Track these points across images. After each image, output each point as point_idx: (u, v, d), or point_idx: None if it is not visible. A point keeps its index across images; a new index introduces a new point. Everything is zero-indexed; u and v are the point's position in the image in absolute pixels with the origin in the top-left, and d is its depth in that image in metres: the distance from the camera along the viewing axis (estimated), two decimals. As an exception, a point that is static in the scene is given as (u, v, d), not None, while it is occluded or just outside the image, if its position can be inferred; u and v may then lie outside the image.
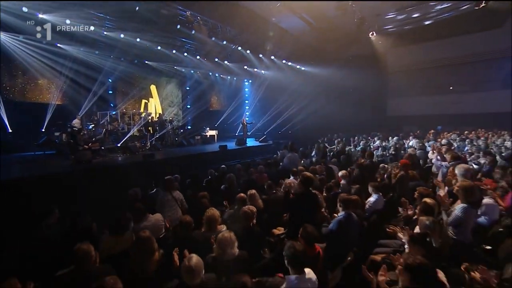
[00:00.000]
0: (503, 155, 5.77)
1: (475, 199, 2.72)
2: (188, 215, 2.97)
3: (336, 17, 14.37)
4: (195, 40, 11.92)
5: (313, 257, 2.35)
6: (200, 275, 1.94)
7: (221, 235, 2.33)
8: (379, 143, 8.63)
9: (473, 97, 16.82)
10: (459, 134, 10.44)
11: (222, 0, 10.32)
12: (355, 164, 5.15)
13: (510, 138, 7.91)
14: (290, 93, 17.59)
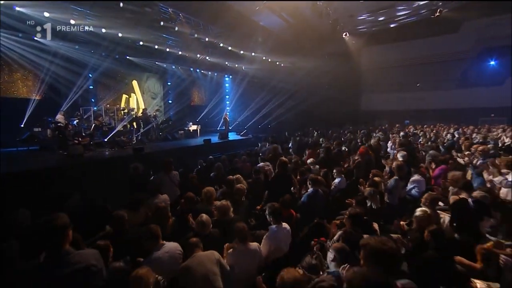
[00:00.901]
0: (445, 145, 7.12)
1: (403, 174, 3.81)
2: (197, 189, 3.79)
3: (312, 17, 15.45)
4: (177, 36, 12.33)
5: (287, 217, 3.30)
6: (209, 227, 2.81)
7: (220, 203, 3.21)
8: (349, 136, 9.85)
9: (435, 94, 18.80)
10: (415, 127, 11.99)
11: (207, 0, 10.85)
12: (324, 148, 6.22)
13: (453, 132, 9.49)
14: (269, 89, 18.54)
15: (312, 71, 19.09)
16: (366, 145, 6.00)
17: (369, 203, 3.57)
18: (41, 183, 5.05)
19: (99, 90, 13.15)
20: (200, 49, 14.36)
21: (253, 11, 13.98)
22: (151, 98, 15.60)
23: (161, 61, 14.64)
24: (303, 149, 7.20)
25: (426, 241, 2.61)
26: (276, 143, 7.25)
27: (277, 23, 15.91)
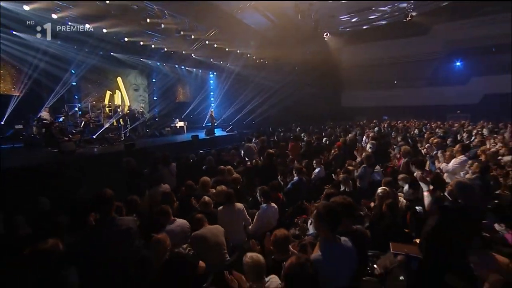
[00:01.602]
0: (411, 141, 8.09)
1: (371, 163, 4.58)
2: (190, 180, 4.33)
3: (296, 17, 16.15)
4: (163, 33, 12.51)
5: (275, 198, 3.95)
6: (211, 206, 3.40)
7: (220, 187, 3.80)
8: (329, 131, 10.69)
9: (409, 92, 20.18)
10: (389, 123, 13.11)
11: (193, 0, 11.18)
12: (305, 142, 6.96)
13: (422, 127, 10.62)
14: (254, 87, 19.12)
15: (295, 69, 19.87)
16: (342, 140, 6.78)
17: (344, 188, 4.30)
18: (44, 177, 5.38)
19: (82, 86, 13.12)
20: (186, 47, 14.62)
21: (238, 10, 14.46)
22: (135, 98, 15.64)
23: (146, 57, 14.75)
24: (287, 143, 7.91)
25: (384, 212, 3.35)
26: (263, 136, 7.91)
27: (261, 22, 16.49)
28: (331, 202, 2.08)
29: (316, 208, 1.98)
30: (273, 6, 14.85)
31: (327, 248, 1.71)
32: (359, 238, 2.09)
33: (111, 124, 11.52)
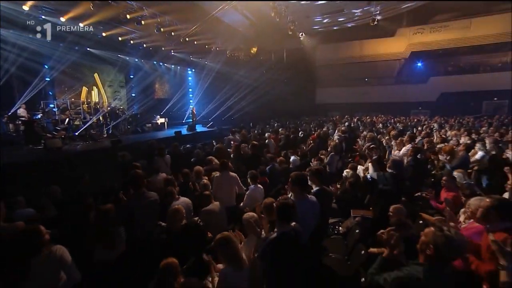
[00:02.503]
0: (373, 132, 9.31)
1: (338, 151, 5.56)
2: (186, 169, 5.02)
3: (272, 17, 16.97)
4: (142, 30, 12.59)
5: (262, 182, 4.78)
6: (210, 188, 4.14)
7: (214, 174, 4.53)
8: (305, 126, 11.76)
9: (378, 89, 21.93)
10: (359, 118, 14.53)
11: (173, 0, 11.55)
12: (284, 135, 7.89)
13: (386, 122, 12.08)
14: (232, 84, 19.76)
15: (272, 67, 20.78)
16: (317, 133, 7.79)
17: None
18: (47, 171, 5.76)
19: (58, 82, 12.98)
20: (165, 43, 14.88)
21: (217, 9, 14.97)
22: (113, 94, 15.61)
23: (124, 54, 14.80)
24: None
25: (347, 188, 4.31)
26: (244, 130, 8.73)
27: (239, 20, 17.13)
28: (301, 172, 2.95)
29: (290, 176, 2.83)
30: (251, 5, 15.57)
31: (298, 201, 2.55)
32: (325, 193, 2.97)
33: (92, 120, 11.62)
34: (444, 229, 1.44)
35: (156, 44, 14.38)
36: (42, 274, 1.91)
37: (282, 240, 1.99)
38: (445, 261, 1.44)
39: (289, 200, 2.22)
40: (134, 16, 11.66)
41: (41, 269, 1.90)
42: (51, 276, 1.95)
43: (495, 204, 1.99)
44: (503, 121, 11.48)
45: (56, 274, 1.97)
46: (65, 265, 2.02)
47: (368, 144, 5.29)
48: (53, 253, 1.96)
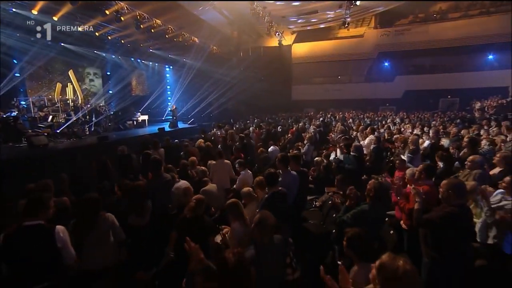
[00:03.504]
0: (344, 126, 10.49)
1: (312, 142, 6.53)
2: (184, 160, 5.69)
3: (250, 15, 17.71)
4: (120, 26, 12.50)
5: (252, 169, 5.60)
6: (207, 174, 4.88)
7: (210, 162, 5.27)
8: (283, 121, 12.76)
9: (349, 87, 23.52)
10: (332, 114, 15.86)
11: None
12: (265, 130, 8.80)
13: (355, 117, 13.45)
14: (211, 81, 20.25)
15: (250, 65, 21.56)
16: (295, 127, 8.76)
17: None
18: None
19: (29, 79, 12.66)
20: (144, 40, 15.03)
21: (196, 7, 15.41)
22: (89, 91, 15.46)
23: (101, 50, 14.73)
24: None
25: (321, 171, 5.27)
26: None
27: (217, 18, 17.67)
28: (286, 153, 3.84)
29: (276, 156, 3.70)
30: (230, 4, 16.18)
31: (283, 174, 3.43)
32: (303, 173, 3.87)
33: (63, 118, 11.51)
34: (379, 179, 2.36)
35: (135, 41, 14.43)
36: (101, 229, 2.60)
37: (273, 196, 2.83)
38: (380, 198, 2.37)
39: (274, 171, 3.09)
40: (113, 12, 11.65)
41: (101, 226, 2.59)
42: (106, 232, 2.65)
43: (423, 168, 3.03)
44: (450, 116, 13.42)
45: (110, 231, 2.67)
46: (115, 227, 2.73)
47: (340, 135, 6.30)
48: (107, 217, 2.66)
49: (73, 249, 2.32)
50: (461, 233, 2.36)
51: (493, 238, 2.68)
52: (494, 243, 2.67)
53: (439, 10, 20.23)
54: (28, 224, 2.17)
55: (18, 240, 2.13)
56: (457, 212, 2.31)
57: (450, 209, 2.31)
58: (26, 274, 2.14)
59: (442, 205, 2.39)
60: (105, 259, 2.68)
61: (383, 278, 1.29)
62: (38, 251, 2.16)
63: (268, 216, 2.02)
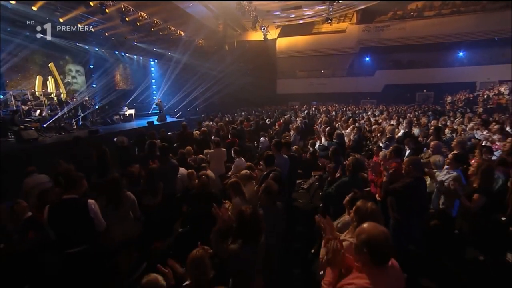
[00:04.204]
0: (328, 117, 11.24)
1: (299, 132, 7.17)
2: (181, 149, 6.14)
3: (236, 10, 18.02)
4: (105, 18, 12.30)
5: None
6: (205, 161, 5.39)
7: (206, 152, 5.77)
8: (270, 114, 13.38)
9: (333, 80, 24.41)
10: (316, 107, 16.68)
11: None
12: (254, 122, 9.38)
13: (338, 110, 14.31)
14: (197, 75, 20.44)
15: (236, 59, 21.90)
16: (282, 120, 9.39)
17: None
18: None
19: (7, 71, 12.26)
20: (128, 33, 14.99)
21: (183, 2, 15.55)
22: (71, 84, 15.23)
23: (83, 42, 14.51)
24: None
25: (308, 158, 5.93)
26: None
27: (203, 12, 17.85)
28: (279, 139, 4.45)
29: (271, 143, 4.29)
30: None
31: (277, 156, 4.03)
32: (293, 157, 4.49)
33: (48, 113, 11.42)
34: (356, 156, 3.00)
35: (119, 33, 14.33)
36: (125, 206, 3.09)
37: (270, 174, 3.42)
38: (357, 172, 3.03)
39: (271, 153, 3.68)
40: (98, 3, 11.50)
41: (125, 203, 3.08)
42: (128, 208, 3.15)
43: (392, 149, 3.72)
44: (424, 108, 14.64)
45: (131, 208, 3.16)
46: (134, 204, 3.22)
47: (324, 126, 6.98)
48: (129, 195, 3.16)
49: (103, 220, 2.80)
50: (418, 199, 3.05)
51: (442, 204, 3.41)
52: (443, 208, 3.41)
53: (416, 8, 21.44)
54: (66, 198, 2.64)
55: (59, 210, 2.60)
56: (414, 182, 3.00)
57: (409, 180, 3.00)
58: (67, 238, 2.61)
59: (404, 177, 3.07)
60: (127, 232, 3.18)
61: (358, 215, 1.91)
62: (75, 219, 2.63)
63: (272, 184, 2.59)
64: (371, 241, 1.39)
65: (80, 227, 2.65)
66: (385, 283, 1.41)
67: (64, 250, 2.54)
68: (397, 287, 1.50)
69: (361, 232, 1.45)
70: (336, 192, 3.01)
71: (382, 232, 1.44)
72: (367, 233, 1.43)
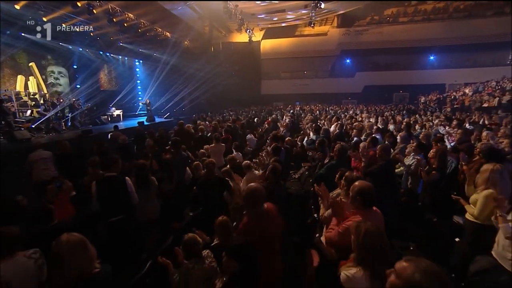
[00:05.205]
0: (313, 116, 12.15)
1: (288, 129, 7.95)
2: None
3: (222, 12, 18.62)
4: (90, 19, 12.37)
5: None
6: (205, 154, 6.01)
7: (206, 147, 6.40)
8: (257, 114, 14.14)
9: (315, 81, 25.59)
10: (300, 107, 17.65)
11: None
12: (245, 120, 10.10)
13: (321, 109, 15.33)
14: (183, 76, 20.81)
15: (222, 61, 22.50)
16: (271, 119, 10.16)
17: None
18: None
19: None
20: (113, 33, 15.17)
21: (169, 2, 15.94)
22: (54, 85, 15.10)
23: (67, 42, 14.46)
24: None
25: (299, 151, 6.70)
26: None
27: (189, 14, 18.30)
28: (277, 133, 5.20)
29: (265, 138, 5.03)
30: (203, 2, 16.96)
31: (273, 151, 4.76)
32: (287, 149, 5.24)
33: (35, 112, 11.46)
34: (342, 144, 3.80)
35: (103, 33, 14.38)
36: (151, 189, 3.70)
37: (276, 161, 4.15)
38: (342, 156, 3.83)
39: (278, 145, 4.41)
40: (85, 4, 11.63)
41: (151, 186, 3.69)
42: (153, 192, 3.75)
43: (369, 140, 4.56)
44: (400, 108, 16.05)
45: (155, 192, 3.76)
46: (157, 189, 3.81)
47: (310, 123, 7.81)
48: (154, 179, 3.77)
49: (136, 195, 3.40)
50: (390, 177, 3.89)
51: (410, 184, 4.28)
52: (411, 187, 4.28)
53: (391, 14, 23.07)
54: (107, 175, 3.25)
55: (103, 185, 3.21)
56: (386, 164, 3.83)
57: (382, 163, 3.82)
58: (109, 209, 3.21)
59: (378, 161, 3.90)
60: (151, 212, 3.78)
61: (347, 181, 2.67)
62: (116, 192, 3.24)
63: (277, 166, 3.30)
64: (361, 190, 2.15)
65: (119, 199, 3.28)
66: (372, 220, 2.16)
67: (108, 219, 3.12)
68: (379, 224, 2.25)
69: (354, 186, 2.22)
70: (326, 172, 3.77)
71: (368, 184, 2.20)
72: (359, 186, 2.19)
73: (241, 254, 2.07)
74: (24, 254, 2.15)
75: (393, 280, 1.27)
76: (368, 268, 1.66)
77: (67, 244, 1.91)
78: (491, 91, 14.12)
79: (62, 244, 1.92)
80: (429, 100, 17.70)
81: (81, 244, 1.93)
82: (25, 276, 2.10)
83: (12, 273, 2.03)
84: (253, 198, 2.30)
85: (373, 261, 1.64)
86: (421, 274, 1.17)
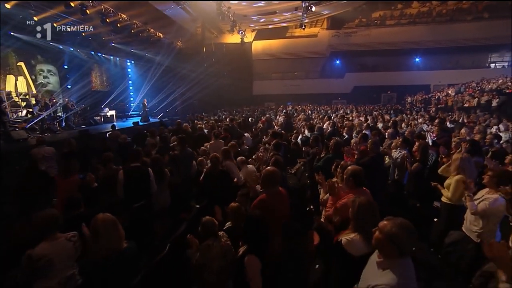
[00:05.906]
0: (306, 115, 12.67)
1: (284, 128, 8.41)
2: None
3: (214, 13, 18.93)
4: (82, 19, 12.35)
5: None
6: (205, 151, 6.39)
7: (206, 144, 6.77)
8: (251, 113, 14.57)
9: (306, 82, 26.21)
10: (293, 107, 18.21)
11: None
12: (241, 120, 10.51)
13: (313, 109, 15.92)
14: (176, 77, 20.98)
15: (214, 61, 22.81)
16: (265, 118, 10.61)
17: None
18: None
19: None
20: (106, 34, 15.25)
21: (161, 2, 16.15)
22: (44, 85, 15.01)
23: (57, 42, 14.40)
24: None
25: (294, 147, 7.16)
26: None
27: (181, 15, 18.53)
28: (276, 130, 5.64)
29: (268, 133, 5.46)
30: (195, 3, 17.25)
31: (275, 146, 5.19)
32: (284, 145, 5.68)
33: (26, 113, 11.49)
34: (337, 139, 4.26)
35: (95, 33, 14.25)
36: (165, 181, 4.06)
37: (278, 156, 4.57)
38: (338, 150, 4.30)
39: (279, 141, 4.85)
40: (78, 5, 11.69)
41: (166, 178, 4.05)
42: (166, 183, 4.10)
43: (361, 136, 5.06)
44: (388, 107, 16.87)
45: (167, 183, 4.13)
46: (168, 180, 4.18)
47: (303, 122, 8.29)
48: (167, 172, 4.12)
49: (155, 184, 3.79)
50: (379, 168, 4.38)
51: (396, 175, 4.80)
52: (397, 178, 4.79)
53: (379, 16, 23.99)
54: (134, 165, 3.71)
55: (130, 174, 3.67)
56: (376, 157, 4.32)
57: (372, 155, 4.32)
58: (133, 196, 3.59)
59: (369, 154, 4.39)
60: (163, 202, 4.14)
61: (342, 169, 3.12)
62: (140, 181, 3.66)
63: (279, 158, 3.73)
64: (354, 172, 2.62)
65: (142, 187, 3.71)
66: (363, 196, 2.61)
67: (131, 205, 3.49)
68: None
69: (348, 170, 2.67)
70: (324, 164, 4.22)
71: (359, 168, 2.66)
72: (351, 169, 2.65)
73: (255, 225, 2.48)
74: (65, 237, 2.46)
75: (377, 235, 1.72)
76: (363, 232, 2.10)
77: (103, 222, 2.31)
78: (471, 92, 15.02)
79: (99, 222, 2.31)
80: (415, 100, 18.59)
81: (113, 222, 2.34)
82: (64, 256, 2.41)
83: (54, 252, 2.34)
84: (272, 178, 2.73)
85: (366, 227, 2.08)
86: (397, 227, 1.62)
